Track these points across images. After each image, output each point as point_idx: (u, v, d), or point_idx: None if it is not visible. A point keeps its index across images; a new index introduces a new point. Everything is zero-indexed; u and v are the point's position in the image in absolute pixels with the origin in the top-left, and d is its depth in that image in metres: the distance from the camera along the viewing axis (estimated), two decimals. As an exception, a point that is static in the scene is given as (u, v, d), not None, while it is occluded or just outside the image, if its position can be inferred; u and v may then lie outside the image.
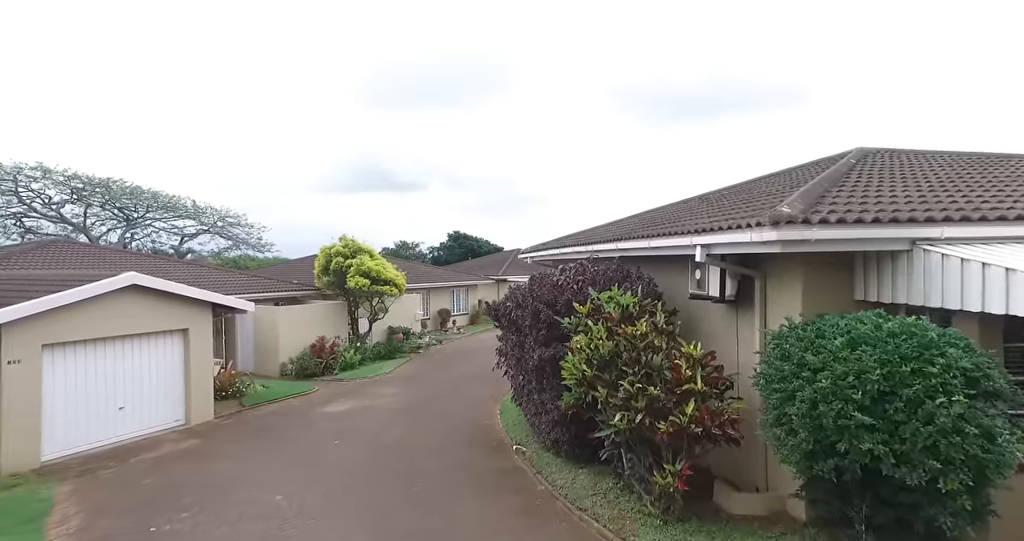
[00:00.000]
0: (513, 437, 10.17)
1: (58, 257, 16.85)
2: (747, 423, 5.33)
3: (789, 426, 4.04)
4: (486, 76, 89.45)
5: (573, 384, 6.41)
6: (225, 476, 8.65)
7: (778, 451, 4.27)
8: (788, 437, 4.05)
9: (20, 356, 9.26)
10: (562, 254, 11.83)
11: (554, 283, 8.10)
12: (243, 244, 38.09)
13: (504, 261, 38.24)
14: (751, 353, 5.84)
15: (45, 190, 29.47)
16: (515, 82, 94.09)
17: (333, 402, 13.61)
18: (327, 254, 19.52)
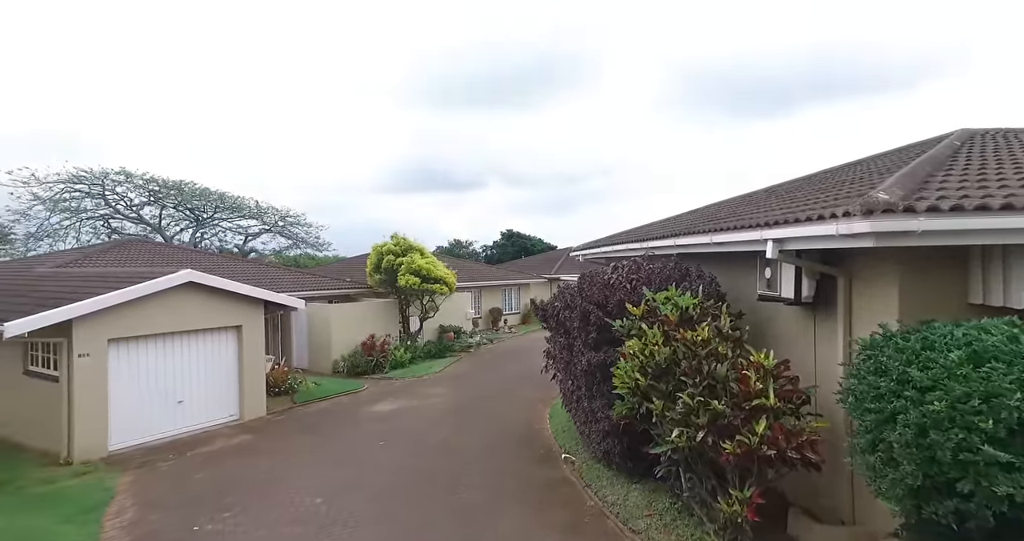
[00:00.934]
0: (562, 445, 9.66)
1: (132, 256, 17.80)
2: (829, 444, 4.60)
3: (888, 454, 3.32)
4: (550, 73, 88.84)
5: (625, 393, 5.84)
6: (270, 474, 8.63)
7: (872, 483, 3.56)
8: (886, 468, 3.34)
9: (89, 350, 9.64)
10: (615, 251, 11.19)
11: (605, 282, 7.53)
12: (302, 243, 39.51)
13: (556, 260, 37.64)
14: (832, 363, 5.08)
15: (127, 193, 31.69)
16: (580, 80, 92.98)
17: (382, 401, 13.56)
18: (378, 252, 19.65)
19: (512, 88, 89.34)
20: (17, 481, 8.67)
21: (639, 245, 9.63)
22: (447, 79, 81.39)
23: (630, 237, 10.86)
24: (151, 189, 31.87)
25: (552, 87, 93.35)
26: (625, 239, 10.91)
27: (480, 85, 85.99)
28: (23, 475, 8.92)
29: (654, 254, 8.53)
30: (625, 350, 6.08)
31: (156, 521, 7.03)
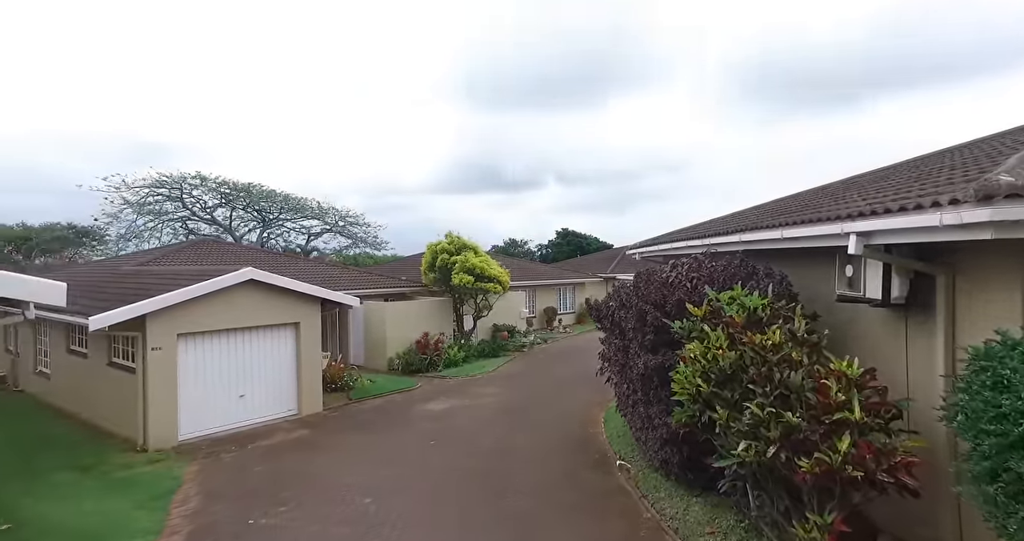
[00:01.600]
0: (617, 451, 9.24)
1: (203, 255, 18.81)
2: (929, 466, 3.99)
3: (1018, 487, 2.77)
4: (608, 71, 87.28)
5: (685, 400, 5.40)
6: (323, 470, 8.73)
7: (992, 519, 3.01)
8: (1016, 504, 2.79)
9: (161, 344, 10.14)
10: (673, 249, 10.61)
11: (663, 280, 7.07)
12: (361, 242, 40.71)
13: (612, 258, 36.82)
14: (929, 374, 4.45)
15: (202, 196, 33.79)
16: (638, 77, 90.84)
17: (434, 399, 13.56)
18: (433, 251, 19.79)
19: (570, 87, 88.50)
20: (102, 465, 9.23)
21: (700, 242, 9.06)
22: (505, 79, 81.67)
23: (690, 234, 10.26)
24: (223, 192, 33.85)
25: (610, 85, 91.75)
26: (684, 236, 10.33)
27: (538, 84, 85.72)
28: (107, 460, 9.49)
29: (716, 251, 7.96)
30: (685, 353, 5.63)
31: (216, 512, 7.22)
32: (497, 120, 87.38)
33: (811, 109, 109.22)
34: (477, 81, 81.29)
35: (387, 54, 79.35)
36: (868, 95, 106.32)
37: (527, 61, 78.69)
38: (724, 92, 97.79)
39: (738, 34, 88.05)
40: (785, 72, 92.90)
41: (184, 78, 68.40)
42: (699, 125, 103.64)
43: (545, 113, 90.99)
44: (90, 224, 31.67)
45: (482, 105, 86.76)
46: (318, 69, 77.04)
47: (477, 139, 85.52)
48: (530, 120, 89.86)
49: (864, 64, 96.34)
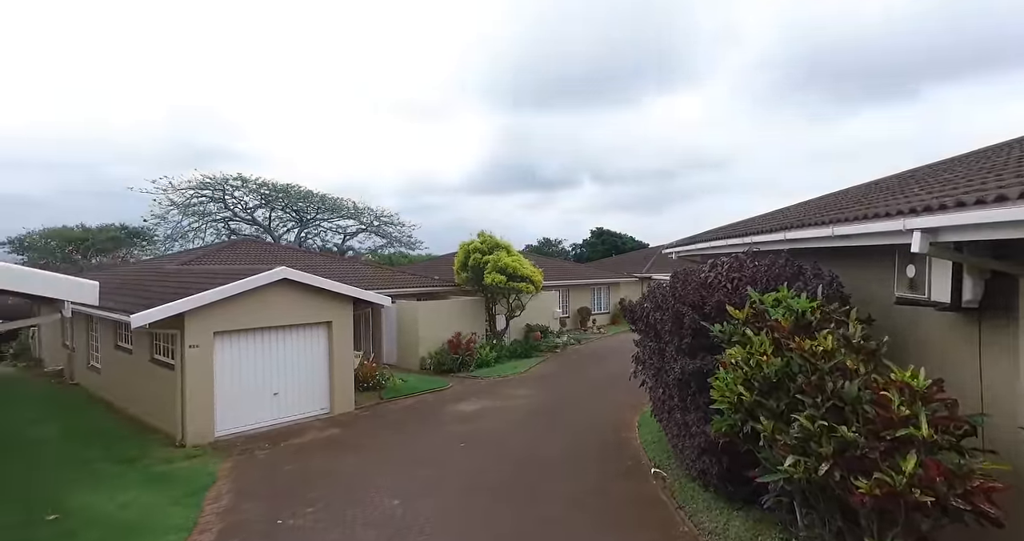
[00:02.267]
0: (652, 458, 8.87)
1: (242, 254, 19.27)
2: (1015, 490, 3.54)
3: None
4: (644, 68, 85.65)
5: (726, 408, 5.05)
6: (353, 470, 8.70)
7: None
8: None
9: (198, 341, 10.35)
10: (713, 248, 10.14)
11: (702, 281, 6.70)
12: (396, 242, 41.16)
13: (648, 258, 36.04)
14: (1010, 387, 3.99)
15: (243, 197, 34.84)
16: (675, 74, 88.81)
17: (465, 400, 13.44)
18: (465, 250, 19.71)
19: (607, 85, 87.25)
20: (144, 459, 9.50)
21: (740, 240, 8.59)
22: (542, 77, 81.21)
23: (730, 232, 9.78)
24: (263, 193, 34.81)
25: (648, 82, 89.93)
26: (724, 234, 9.85)
27: (574, 83, 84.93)
28: (149, 453, 9.76)
29: (758, 250, 7.52)
30: (725, 359, 5.27)
31: (247, 510, 7.26)
32: (532, 119, 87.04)
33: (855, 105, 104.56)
34: (513, 80, 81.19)
35: (425, 54, 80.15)
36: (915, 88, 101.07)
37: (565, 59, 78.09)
38: (766, 87, 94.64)
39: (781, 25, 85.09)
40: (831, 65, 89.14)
41: (228, 83, 70.81)
42: (739, 122, 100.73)
43: (581, 111, 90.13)
44: (140, 225, 33.16)
45: (518, 104, 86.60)
46: (354, 71, 78.50)
47: (512, 139, 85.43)
48: (565, 119, 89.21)
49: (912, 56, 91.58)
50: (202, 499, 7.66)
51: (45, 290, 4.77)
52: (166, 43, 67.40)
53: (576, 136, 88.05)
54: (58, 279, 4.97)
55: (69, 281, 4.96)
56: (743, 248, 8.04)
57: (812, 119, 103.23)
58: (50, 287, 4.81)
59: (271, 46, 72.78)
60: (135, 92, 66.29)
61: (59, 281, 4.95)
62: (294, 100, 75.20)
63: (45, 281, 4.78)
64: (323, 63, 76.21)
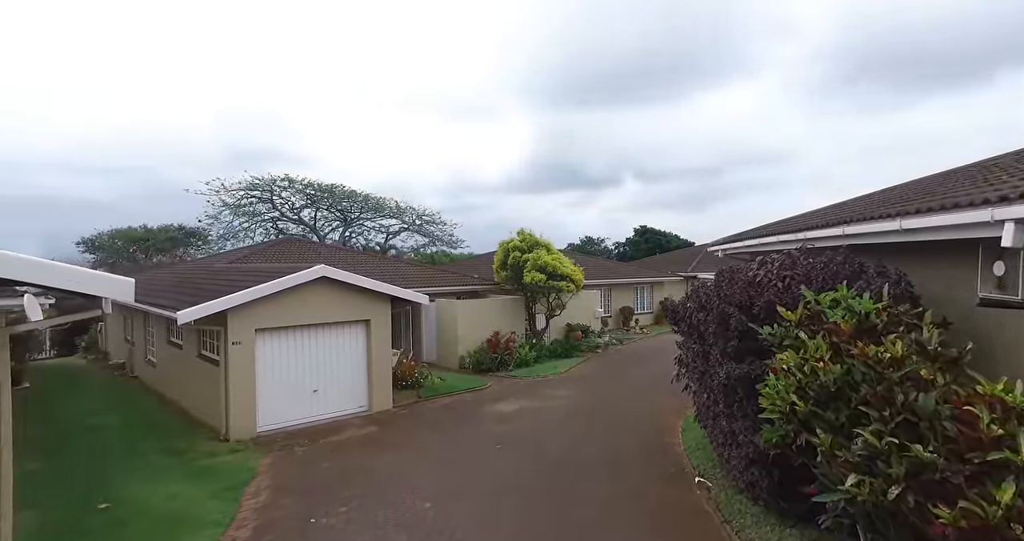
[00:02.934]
0: (696, 465, 8.42)
1: (287, 253, 19.75)
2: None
3: None
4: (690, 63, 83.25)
5: (777, 418, 4.63)
6: (388, 469, 8.65)
7: None
8: None
9: (240, 338, 10.56)
10: (762, 245, 9.56)
11: (749, 279, 6.24)
12: (438, 241, 41.52)
13: (693, 257, 34.94)
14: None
15: (290, 198, 35.95)
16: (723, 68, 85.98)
17: (503, 400, 13.26)
18: (505, 249, 19.53)
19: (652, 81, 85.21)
20: (191, 452, 9.78)
21: (792, 237, 8.03)
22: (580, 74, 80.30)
23: (780, 228, 9.18)
24: (308, 193, 35.81)
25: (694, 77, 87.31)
26: (774, 230, 9.25)
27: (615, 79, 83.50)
28: (196, 447, 10.05)
29: (812, 247, 6.97)
30: (776, 364, 4.85)
31: (283, 507, 7.30)
32: (574, 117, 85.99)
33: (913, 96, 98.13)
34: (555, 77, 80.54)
35: (466, 52, 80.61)
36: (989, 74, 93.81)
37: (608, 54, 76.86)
38: (819, 79, 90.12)
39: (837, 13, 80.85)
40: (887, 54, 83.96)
41: (276, 86, 73.33)
42: (789, 116, 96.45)
43: (623, 108, 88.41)
44: (195, 225, 34.77)
45: (559, 102, 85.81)
46: (395, 71, 79.78)
47: (553, 137, 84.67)
48: (607, 116, 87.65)
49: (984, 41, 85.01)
50: (241, 494, 7.78)
51: (84, 287, 4.83)
52: (216, 48, 70.44)
53: (619, 134, 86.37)
54: (96, 276, 5.03)
55: (109, 278, 5.02)
56: (795, 245, 7.50)
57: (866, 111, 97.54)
58: (89, 284, 4.86)
59: (313, 49, 74.90)
60: (188, 97, 69.62)
61: (97, 278, 5.01)
62: (337, 102, 77.08)
63: (82, 278, 4.84)
64: (362, 64, 77.85)
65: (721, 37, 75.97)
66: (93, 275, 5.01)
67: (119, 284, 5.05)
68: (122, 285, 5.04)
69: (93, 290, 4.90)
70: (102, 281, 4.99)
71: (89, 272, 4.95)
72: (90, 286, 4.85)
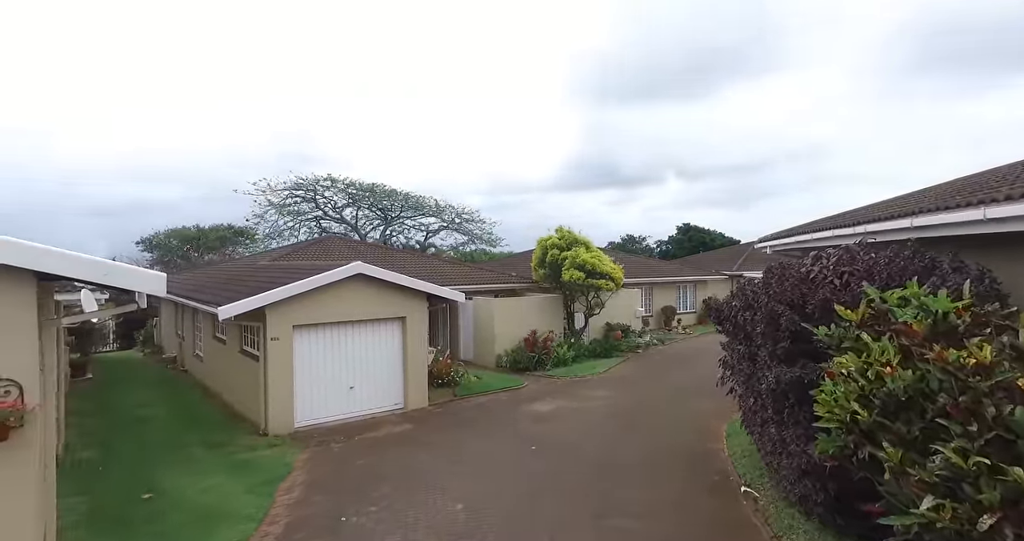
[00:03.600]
0: (742, 474, 7.93)
1: (328, 250, 20.09)
2: None
3: None
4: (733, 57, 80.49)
5: (835, 428, 4.19)
6: (421, 468, 8.53)
7: None
8: None
9: (278, 334, 10.69)
10: (815, 240, 8.94)
11: (802, 276, 5.75)
12: (477, 239, 41.58)
13: (739, 255, 33.67)
14: None
15: (333, 197, 36.76)
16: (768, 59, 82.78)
17: (540, 400, 12.99)
18: (543, 246, 19.23)
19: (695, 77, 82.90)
20: (231, 445, 9.97)
21: (850, 231, 7.44)
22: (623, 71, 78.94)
23: (837, 222, 8.54)
24: (350, 192, 36.52)
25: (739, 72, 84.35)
26: (829, 224, 8.62)
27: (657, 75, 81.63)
28: (236, 440, 10.24)
29: (873, 240, 6.39)
30: (833, 367, 4.39)
31: (315, 503, 7.28)
32: (615, 115, 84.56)
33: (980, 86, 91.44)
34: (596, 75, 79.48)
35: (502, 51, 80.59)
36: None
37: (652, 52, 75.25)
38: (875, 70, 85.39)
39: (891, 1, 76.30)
40: (952, 45, 78.63)
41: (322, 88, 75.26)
42: (841, 111, 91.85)
43: (666, 105, 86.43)
44: (243, 225, 36.05)
45: (600, 100, 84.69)
46: (438, 70, 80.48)
47: (594, 135, 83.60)
48: (650, 113, 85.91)
49: None
50: (275, 489, 7.81)
51: (119, 281, 4.84)
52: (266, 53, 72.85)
53: (661, 131, 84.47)
54: (130, 270, 5.04)
55: (142, 273, 5.04)
56: (853, 239, 6.91)
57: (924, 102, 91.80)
58: (123, 278, 4.87)
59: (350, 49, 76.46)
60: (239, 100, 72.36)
61: (134, 273, 5.02)
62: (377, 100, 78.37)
63: (118, 272, 4.85)
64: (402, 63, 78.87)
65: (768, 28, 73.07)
66: (127, 270, 5.03)
67: (150, 279, 5.06)
68: (152, 280, 5.05)
69: (125, 284, 4.93)
70: (135, 276, 5.01)
71: (123, 267, 4.97)
72: (122, 280, 4.87)
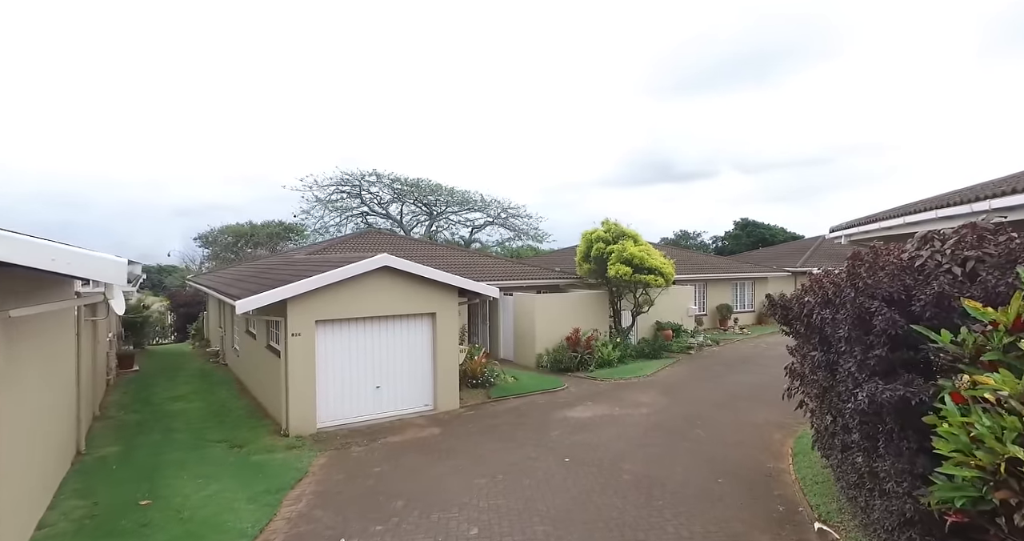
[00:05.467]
0: (815, 506, 6.61)
1: (368, 244, 19.65)
2: None
3: None
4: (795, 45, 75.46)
5: (971, 475, 2.98)
6: (440, 481, 7.70)
7: None
8: None
9: (300, 330, 10.14)
10: (909, 224, 7.46)
11: (905, 263, 4.47)
12: (524, 235, 40.59)
13: (804, 250, 31.06)
14: None
15: (379, 192, 36.79)
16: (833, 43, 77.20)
17: (579, 405, 11.92)
18: (588, 240, 18.07)
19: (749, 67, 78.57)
20: (250, 445, 9.51)
21: (960, 210, 6.00)
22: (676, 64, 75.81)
23: (939, 202, 7.01)
24: (395, 188, 36.41)
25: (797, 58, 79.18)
26: (928, 205, 7.10)
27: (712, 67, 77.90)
28: (257, 440, 9.78)
29: (1003, 220, 4.97)
30: (960, 387, 3.18)
31: (318, 519, 6.58)
32: (670, 108, 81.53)
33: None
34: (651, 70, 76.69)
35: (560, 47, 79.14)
36: None
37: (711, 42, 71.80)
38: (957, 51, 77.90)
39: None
40: None
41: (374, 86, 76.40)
42: (920, 97, 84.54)
43: (723, 97, 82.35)
44: (292, 220, 36.66)
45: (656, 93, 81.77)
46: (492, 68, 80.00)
47: (648, 130, 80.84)
48: (707, 104, 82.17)
49: None
50: (281, 499, 7.19)
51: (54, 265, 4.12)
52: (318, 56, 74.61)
53: (718, 123, 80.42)
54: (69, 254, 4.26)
55: (89, 258, 4.36)
56: (968, 220, 5.48)
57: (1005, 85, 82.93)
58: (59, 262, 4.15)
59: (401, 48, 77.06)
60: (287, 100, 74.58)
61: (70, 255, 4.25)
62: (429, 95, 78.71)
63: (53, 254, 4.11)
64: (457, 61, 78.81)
65: (834, 13, 68.00)
66: (79, 255, 4.33)
67: (107, 266, 4.40)
68: (111, 267, 4.38)
69: (77, 271, 4.29)
70: (89, 263, 4.36)
71: (73, 251, 4.27)
72: (73, 267, 4.22)
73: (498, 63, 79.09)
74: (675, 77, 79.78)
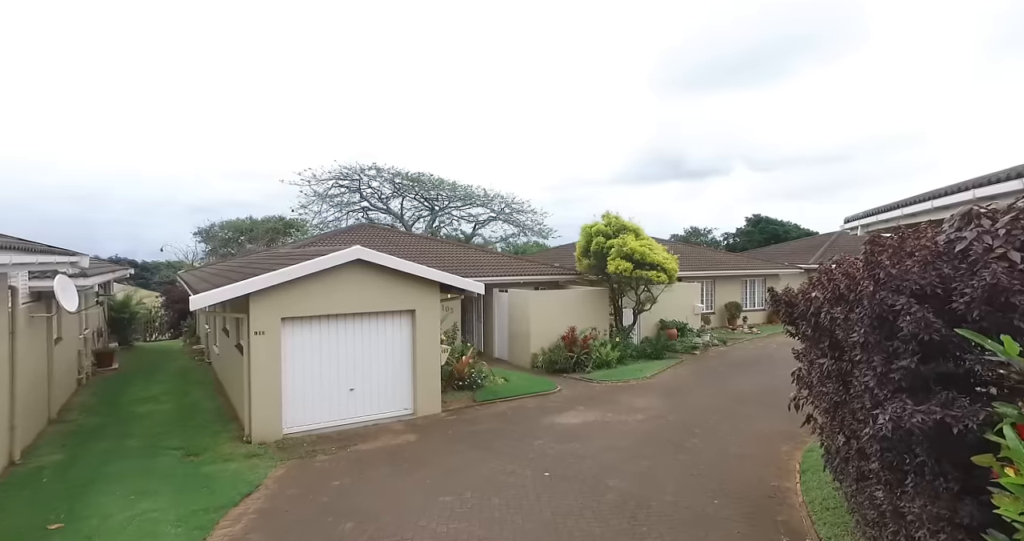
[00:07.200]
0: (824, 538, 5.66)
1: (356, 239, 18.83)
2: None
3: None
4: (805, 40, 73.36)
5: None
6: (403, 497, 6.88)
7: None
8: None
9: (264, 327, 9.33)
10: (936, 208, 6.46)
11: (940, 248, 3.53)
12: (528, 231, 39.50)
13: (818, 246, 29.80)
14: None
15: (380, 187, 35.98)
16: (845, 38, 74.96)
17: (569, 410, 11.03)
18: (587, 234, 17.12)
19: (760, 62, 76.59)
20: (207, 453, 8.79)
21: (1008, 187, 5.02)
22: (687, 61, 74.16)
23: (978, 181, 5.97)
24: (396, 182, 35.56)
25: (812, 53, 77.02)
26: (965, 186, 6.07)
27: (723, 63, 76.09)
28: (216, 447, 9.04)
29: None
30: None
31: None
32: (681, 104, 79.96)
33: None
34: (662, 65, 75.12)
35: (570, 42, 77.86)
36: None
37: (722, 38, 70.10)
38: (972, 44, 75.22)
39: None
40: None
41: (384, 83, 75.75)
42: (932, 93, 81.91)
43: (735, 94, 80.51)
44: (291, 216, 35.99)
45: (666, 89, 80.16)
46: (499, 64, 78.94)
47: (659, 126, 79.32)
48: (717, 100, 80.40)
49: None
50: (216, 520, 6.39)
51: None
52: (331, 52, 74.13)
53: (728, 121, 78.65)
54: None
55: None
56: (1010, 200, 4.50)
57: None
58: None
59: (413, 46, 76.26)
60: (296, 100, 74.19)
61: None
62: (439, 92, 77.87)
63: None
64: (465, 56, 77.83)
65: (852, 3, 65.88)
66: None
67: None
68: None
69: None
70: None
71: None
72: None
73: (506, 58, 78.12)
74: (686, 73, 78.13)
